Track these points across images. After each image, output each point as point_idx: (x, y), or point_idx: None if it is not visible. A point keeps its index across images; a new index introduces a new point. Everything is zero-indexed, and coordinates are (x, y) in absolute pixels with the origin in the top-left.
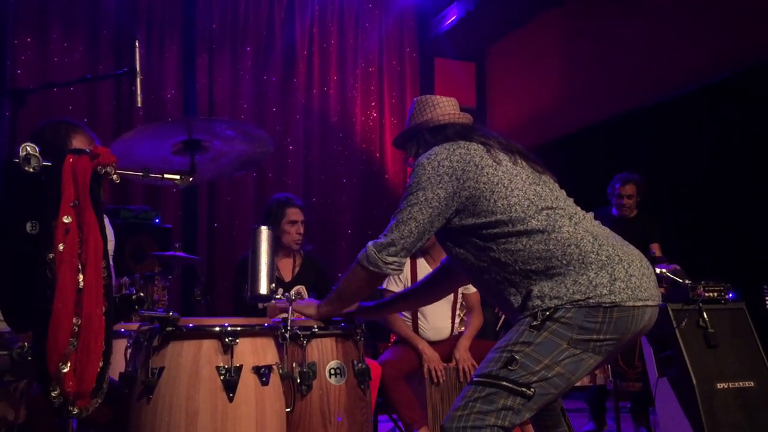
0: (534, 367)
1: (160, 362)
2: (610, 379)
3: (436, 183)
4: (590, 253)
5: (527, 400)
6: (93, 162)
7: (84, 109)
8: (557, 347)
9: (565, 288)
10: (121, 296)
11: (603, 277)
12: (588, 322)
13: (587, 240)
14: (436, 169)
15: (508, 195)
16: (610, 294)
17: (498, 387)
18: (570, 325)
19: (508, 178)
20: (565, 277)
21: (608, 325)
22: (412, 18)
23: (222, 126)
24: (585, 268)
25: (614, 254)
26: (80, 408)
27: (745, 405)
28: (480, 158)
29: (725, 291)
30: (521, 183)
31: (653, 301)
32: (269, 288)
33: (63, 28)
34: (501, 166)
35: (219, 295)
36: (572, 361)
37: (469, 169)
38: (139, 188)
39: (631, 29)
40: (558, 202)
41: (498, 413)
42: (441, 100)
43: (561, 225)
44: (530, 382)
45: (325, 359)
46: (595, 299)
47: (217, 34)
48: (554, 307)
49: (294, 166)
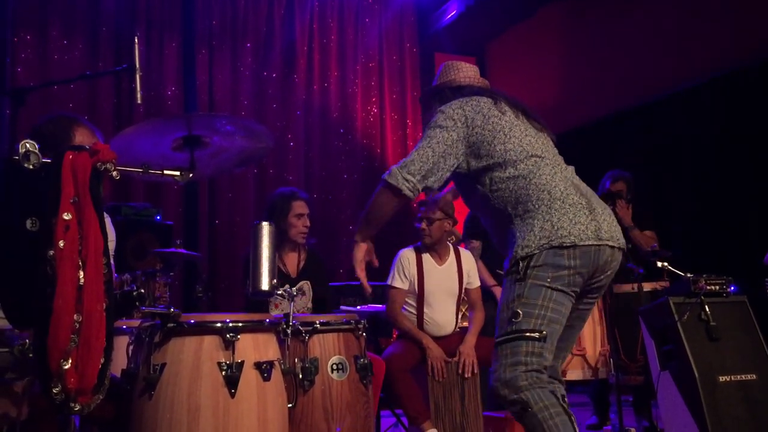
0: (534, 311)
1: (161, 358)
2: (612, 373)
3: (451, 126)
4: (557, 200)
5: (543, 341)
6: (92, 158)
7: (84, 106)
8: (543, 289)
9: (533, 235)
10: (121, 293)
11: (564, 221)
12: (556, 261)
13: (559, 187)
14: (452, 115)
15: (505, 141)
16: (569, 235)
17: (515, 339)
18: (544, 267)
19: (509, 127)
20: (534, 221)
21: (573, 260)
22: (412, 13)
23: (221, 121)
24: (551, 212)
25: (578, 201)
26: (82, 404)
27: (748, 398)
28: (488, 109)
29: (727, 284)
30: (519, 132)
31: (613, 243)
32: (271, 283)
33: (63, 26)
34: (505, 116)
35: (221, 292)
36: (556, 296)
37: (478, 117)
38: (140, 185)
39: (631, 25)
40: (546, 153)
41: (525, 359)
42: (464, 66)
43: (542, 173)
44: (538, 325)
45: (327, 354)
46: (557, 240)
47: (217, 31)
48: (527, 255)
49: (294, 162)
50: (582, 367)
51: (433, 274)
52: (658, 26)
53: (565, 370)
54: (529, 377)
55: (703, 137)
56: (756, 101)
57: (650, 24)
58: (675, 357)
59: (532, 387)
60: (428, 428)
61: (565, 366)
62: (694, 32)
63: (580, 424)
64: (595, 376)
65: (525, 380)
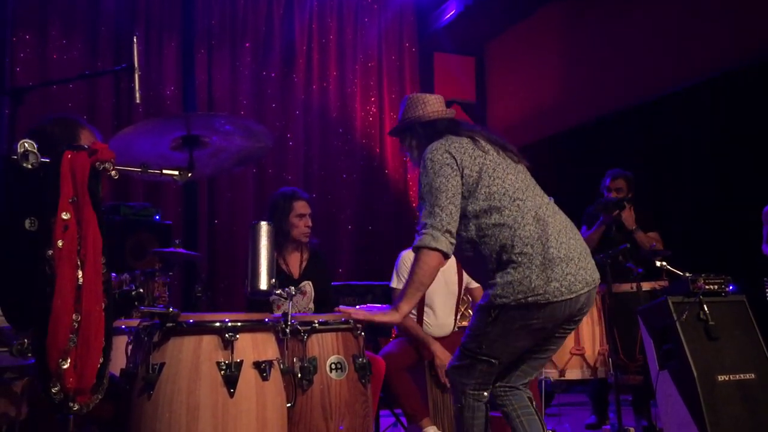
0: (495, 345)
1: (160, 358)
2: (611, 372)
3: (449, 173)
4: (537, 255)
5: (498, 365)
6: (91, 158)
7: (83, 106)
8: (509, 332)
9: (511, 287)
10: (120, 292)
11: (542, 279)
12: (527, 316)
13: (541, 241)
14: (443, 161)
15: (490, 184)
16: (544, 294)
17: (476, 360)
18: (514, 318)
19: (492, 167)
20: (515, 273)
21: (543, 315)
22: (411, 13)
23: (220, 121)
24: (531, 268)
25: (557, 255)
26: (80, 404)
27: (746, 397)
28: (472, 149)
29: (725, 283)
30: (501, 172)
31: (587, 287)
32: (269, 283)
33: (62, 25)
34: (488, 155)
35: (220, 291)
36: (521, 337)
37: (465, 159)
38: (139, 185)
39: (631, 24)
40: (527, 193)
41: (478, 375)
42: (430, 98)
43: (526, 222)
44: (497, 355)
45: (326, 354)
46: (532, 299)
47: (216, 31)
48: (503, 304)
49: (294, 161)
50: (581, 367)
51: None
52: (658, 26)
53: (564, 370)
54: (475, 388)
55: (702, 136)
56: (756, 100)
57: (650, 23)
58: (674, 356)
59: (473, 397)
60: (427, 425)
61: (564, 365)
62: (693, 31)
63: (579, 423)
64: (594, 375)
65: (471, 389)
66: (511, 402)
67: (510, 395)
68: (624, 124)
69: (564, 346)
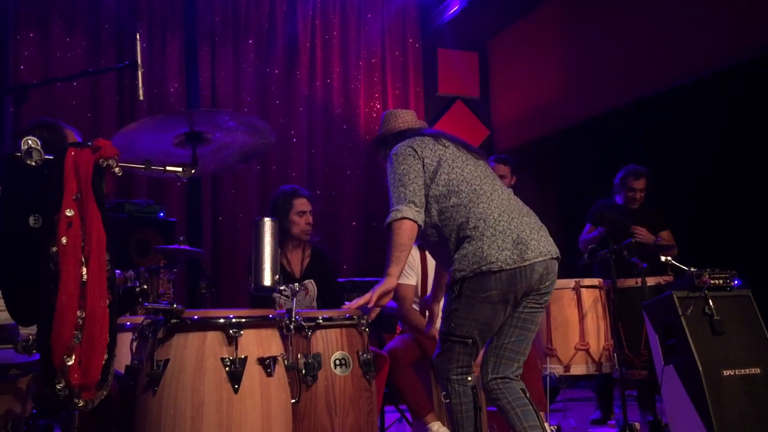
0: (465, 323)
1: (165, 354)
2: (616, 367)
3: (410, 161)
4: (490, 227)
5: (473, 344)
6: (95, 155)
7: (87, 104)
8: (473, 306)
9: (467, 260)
10: (124, 289)
11: (493, 248)
12: (485, 286)
13: (493, 215)
14: (404, 153)
15: (449, 171)
16: (497, 261)
17: (451, 341)
18: (475, 288)
19: (452, 158)
20: (469, 246)
21: (499, 285)
22: (414, 8)
23: (223, 117)
24: (483, 239)
25: (508, 227)
26: (86, 400)
27: (752, 392)
28: (432, 144)
29: (730, 278)
30: (461, 162)
31: (541, 257)
32: (273, 279)
33: (65, 23)
34: (447, 149)
35: (224, 288)
36: (486, 310)
37: (425, 151)
38: (143, 182)
39: (634, 21)
40: (485, 180)
41: (457, 357)
42: (401, 113)
43: (480, 201)
44: (469, 333)
45: (330, 350)
46: (485, 266)
47: (219, 28)
48: (462, 277)
49: (298, 158)
50: (586, 362)
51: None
52: (660, 22)
53: (569, 365)
54: (457, 372)
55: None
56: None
57: (654, 19)
58: (679, 351)
59: (458, 382)
60: (431, 421)
61: (569, 361)
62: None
63: (585, 418)
64: (598, 370)
65: (454, 374)
66: (504, 395)
67: (503, 388)
68: (628, 119)
69: (568, 341)
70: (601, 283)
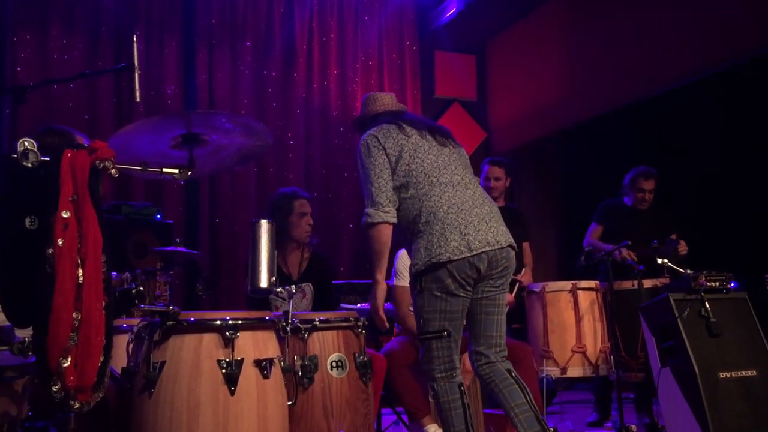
0: (434, 316)
1: (161, 356)
2: (613, 370)
3: (375, 153)
4: (439, 221)
5: (448, 336)
6: (91, 156)
7: (84, 106)
8: (435, 298)
9: (420, 254)
10: (121, 291)
11: (441, 241)
12: (439, 278)
13: (443, 209)
14: (369, 144)
15: (409, 162)
16: (445, 253)
17: (427, 340)
18: (431, 282)
19: (414, 148)
20: (421, 241)
21: (452, 272)
22: (412, 11)
23: (220, 119)
24: (432, 233)
25: (455, 220)
26: (81, 402)
27: (748, 394)
28: (396, 134)
29: (727, 280)
30: (422, 153)
31: (489, 246)
32: (270, 281)
33: (62, 25)
34: (410, 138)
35: (222, 290)
36: (448, 301)
37: (389, 141)
38: (140, 184)
39: (633, 22)
40: (445, 170)
41: (437, 354)
42: (380, 96)
43: (433, 194)
44: (442, 326)
45: (327, 352)
46: (435, 258)
47: (217, 30)
48: (418, 271)
49: (295, 160)
50: (582, 364)
51: None
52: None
53: (566, 367)
54: (441, 370)
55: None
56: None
57: (653, 20)
58: (675, 353)
59: (443, 380)
60: (428, 423)
61: (566, 363)
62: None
63: (582, 421)
64: (595, 373)
65: (439, 372)
66: (492, 378)
67: (491, 372)
68: (626, 121)
69: (565, 343)
70: (598, 285)
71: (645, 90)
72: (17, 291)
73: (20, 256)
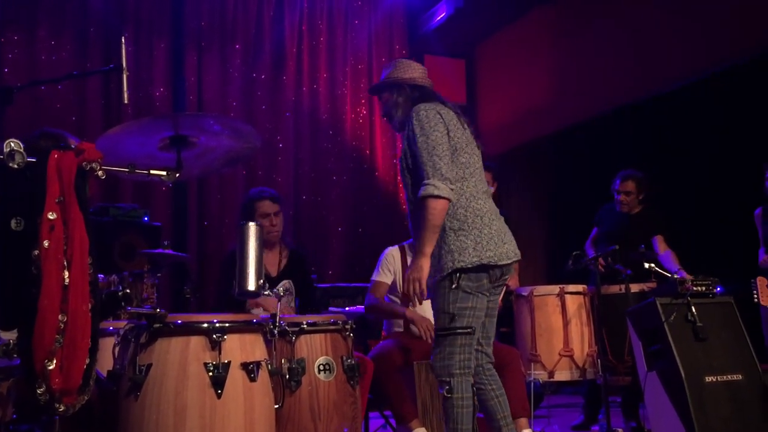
0: (465, 313)
1: (147, 359)
2: (600, 373)
3: (436, 128)
4: (486, 226)
5: (472, 333)
6: (78, 158)
7: (73, 107)
8: (469, 296)
9: (467, 253)
10: (107, 293)
11: (491, 245)
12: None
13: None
14: (432, 120)
15: (460, 155)
16: (494, 257)
17: (453, 335)
18: (469, 280)
19: (465, 142)
20: (468, 240)
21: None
22: (401, 15)
23: (208, 121)
24: (481, 236)
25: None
26: (67, 405)
27: (734, 398)
28: (456, 120)
29: (713, 285)
30: (470, 149)
31: (516, 257)
32: (257, 284)
33: (51, 26)
34: (465, 130)
35: (210, 293)
36: (479, 299)
37: (451, 125)
38: (128, 186)
39: (621, 26)
40: (478, 174)
41: (459, 349)
42: (418, 66)
43: (477, 197)
44: (469, 323)
45: (314, 355)
46: (486, 260)
47: (206, 32)
48: (461, 269)
49: (284, 163)
50: (570, 368)
51: None
52: (648, 28)
53: (553, 371)
54: (460, 366)
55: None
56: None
57: (642, 22)
58: (662, 357)
59: (460, 376)
60: (416, 427)
61: (553, 367)
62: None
63: (569, 425)
64: (583, 376)
65: (457, 369)
66: (490, 382)
67: (489, 375)
68: (615, 124)
69: (553, 347)
70: (586, 289)
71: (633, 94)
72: (2, 293)
73: (6, 258)
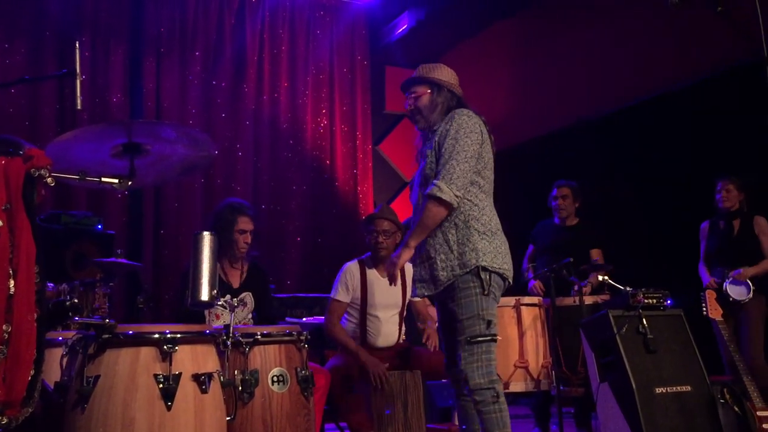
0: (494, 320)
1: (95, 370)
2: (554, 384)
3: (475, 139)
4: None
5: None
6: (26, 164)
7: (25, 112)
8: (494, 302)
9: (499, 257)
10: (54, 303)
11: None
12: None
13: (500, 230)
14: (471, 127)
15: (485, 167)
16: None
17: (490, 341)
18: (495, 287)
19: (490, 156)
20: (490, 245)
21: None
22: (363, 26)
23: (163, 129)
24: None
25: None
26: (9, 418)
27: (683, 409)
28: (489, 133)
29: (664, 298)
30: (492, 165)
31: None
32: (211, 294)
33: (5, 29)
34: (493, 146)
35: (165, 303)
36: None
37: (485, 137)
38: (82, 193)
39: (580, 41)
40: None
41: (494, 357)
42: (455, 75)
43: (493, 210)
44: (497, 331)
45: (268, 366)
46: (505, 273)
47: (165, 38)
48: (484, 266)
49: (243, 172)
50: (525, 379)
51: (377, 286)
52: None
53: (508, 383)
54: (495, 372)
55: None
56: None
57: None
58: (614, 369)
59: (498, 381)
60: None
61: (508, 378)
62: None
63: None
64: (537, 388)
65: (495, 375)
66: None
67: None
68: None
69: (508, 358)
70: (541, 301)
71: (595, 107)
72: None
73: None
